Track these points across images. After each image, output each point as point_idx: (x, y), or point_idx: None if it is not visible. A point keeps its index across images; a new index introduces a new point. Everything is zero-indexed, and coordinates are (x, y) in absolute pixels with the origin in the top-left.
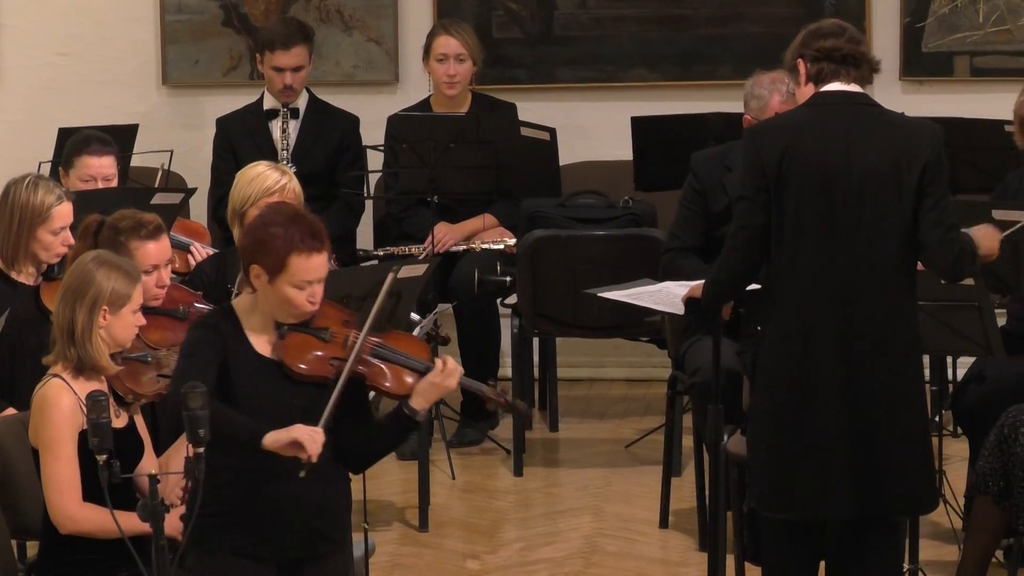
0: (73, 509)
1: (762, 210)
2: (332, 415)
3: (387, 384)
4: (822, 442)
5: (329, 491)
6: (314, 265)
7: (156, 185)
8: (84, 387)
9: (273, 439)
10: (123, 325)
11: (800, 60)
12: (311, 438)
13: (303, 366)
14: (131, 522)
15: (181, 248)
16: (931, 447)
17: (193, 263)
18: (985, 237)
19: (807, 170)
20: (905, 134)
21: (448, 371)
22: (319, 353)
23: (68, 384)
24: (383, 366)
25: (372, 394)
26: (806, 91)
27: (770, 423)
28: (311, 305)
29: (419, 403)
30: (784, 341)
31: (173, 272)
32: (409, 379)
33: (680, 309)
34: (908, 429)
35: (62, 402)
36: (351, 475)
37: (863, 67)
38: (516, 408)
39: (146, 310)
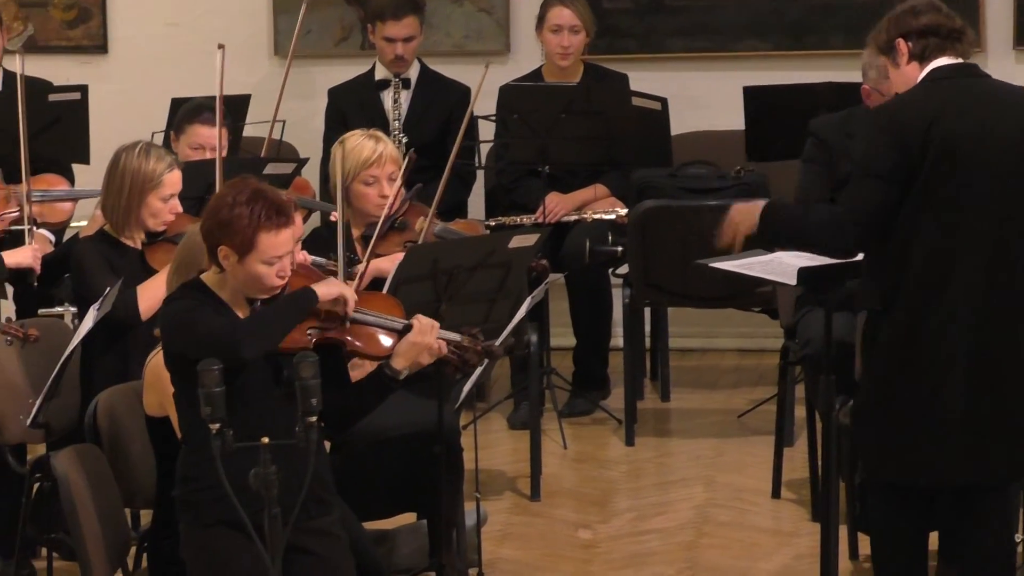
0: None
1: (895, 190)
2: None
3: (367, 348)
4: (967, 408)
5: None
6: (283, 240)
7: (263, 154)
8: None
9: (325, 291)
10: None
11: (900, 40)
12: (351, 295)
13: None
14: None
15: None
16: None
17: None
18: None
19: (950, 144)
20: None
21: (424, 328)
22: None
23: None
24: (361, 329)
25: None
26: (908, 70)
27: (908, 393)
28: (281, 280)
29: (400, 363)
30: (925, 310)
31: None
32: (387, 340)
33: (792, 279)
34: None
35: None
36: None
37: (964, 41)
38: (492, 352)
39: None
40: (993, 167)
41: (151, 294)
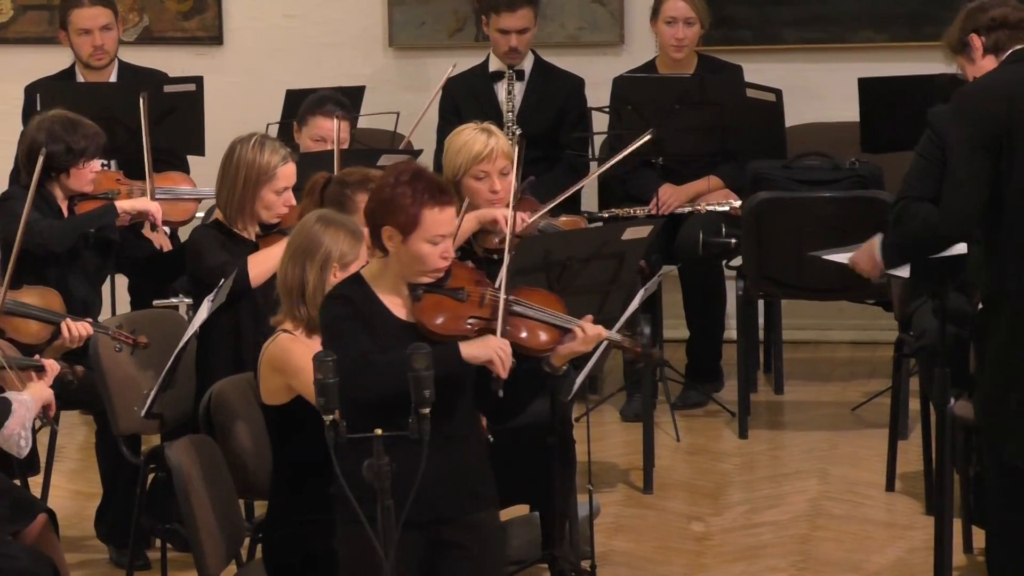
0: None
1: (996, 160)
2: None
3: (528, 342)
4: None
5: (470, 448)
6: (447, 218)
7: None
8: (315, 346)
9: (471, 354)
10: None
11: (973, 35)
12: (502, 358)
13: (442, 327)
14: None
15: None
16: None
17: None
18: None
19: None
20: None
21: (589, 339)
22: (456, 313)
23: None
24: (522, 323)
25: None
26: (985, 63)
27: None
28: (444, 261)
29: (559, 361)
30: None
31: None
32: (546, 335)
33: (905, 272)
34: None
35: (298, 347)
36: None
37: None
38: (651, 356)
39: None
40: None
41: (261, 263)
